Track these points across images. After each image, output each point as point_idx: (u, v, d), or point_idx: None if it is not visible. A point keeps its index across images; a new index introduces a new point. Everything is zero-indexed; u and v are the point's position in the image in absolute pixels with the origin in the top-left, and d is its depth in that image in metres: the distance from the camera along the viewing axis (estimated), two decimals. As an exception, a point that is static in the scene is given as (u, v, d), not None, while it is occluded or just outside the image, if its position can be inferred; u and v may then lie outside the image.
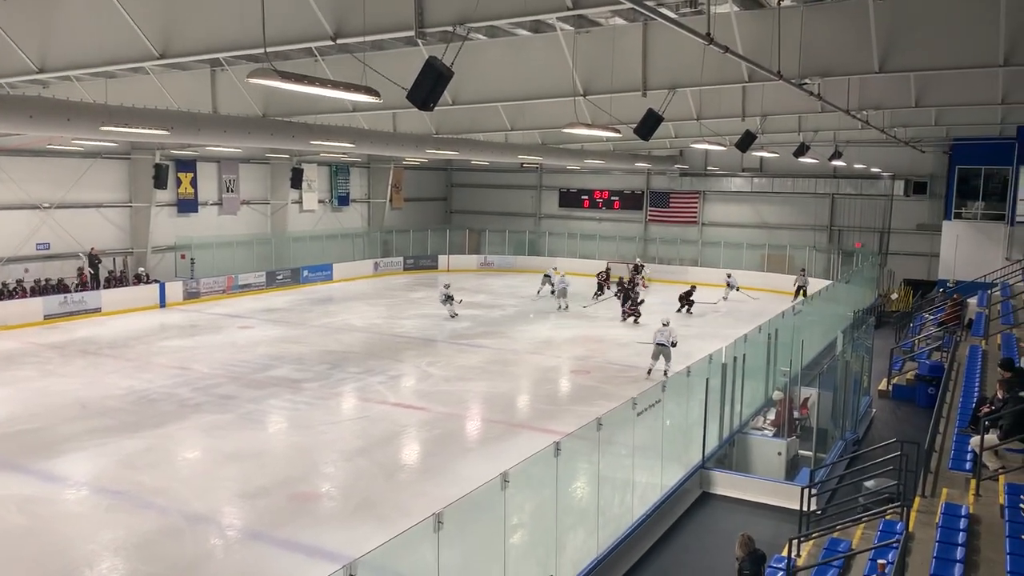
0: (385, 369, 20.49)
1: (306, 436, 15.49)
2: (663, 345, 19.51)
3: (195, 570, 10.26)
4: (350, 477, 13.48)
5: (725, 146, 20.98)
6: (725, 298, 32.29)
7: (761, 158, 35.88)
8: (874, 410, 18.42)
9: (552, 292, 30.98)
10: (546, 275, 32.98)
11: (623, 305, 28.13)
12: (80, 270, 27.82)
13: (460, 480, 12.45)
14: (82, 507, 12.21)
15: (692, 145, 21.83)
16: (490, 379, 19.80)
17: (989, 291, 23.20)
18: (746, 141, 17.74)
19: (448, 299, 27.50)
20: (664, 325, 19.94)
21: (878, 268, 34.53)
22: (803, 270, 33.33)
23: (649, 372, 19.61)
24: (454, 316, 27.24)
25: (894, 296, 33.69)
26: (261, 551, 10.77)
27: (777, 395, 15.28)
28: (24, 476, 13.12)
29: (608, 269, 33.88)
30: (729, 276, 33.47)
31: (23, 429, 15.28)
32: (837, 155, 27.48)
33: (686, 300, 29.45)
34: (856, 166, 33.17)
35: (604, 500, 10.53)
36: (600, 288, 31.89)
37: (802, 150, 22.65)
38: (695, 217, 40.54)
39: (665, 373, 18.19)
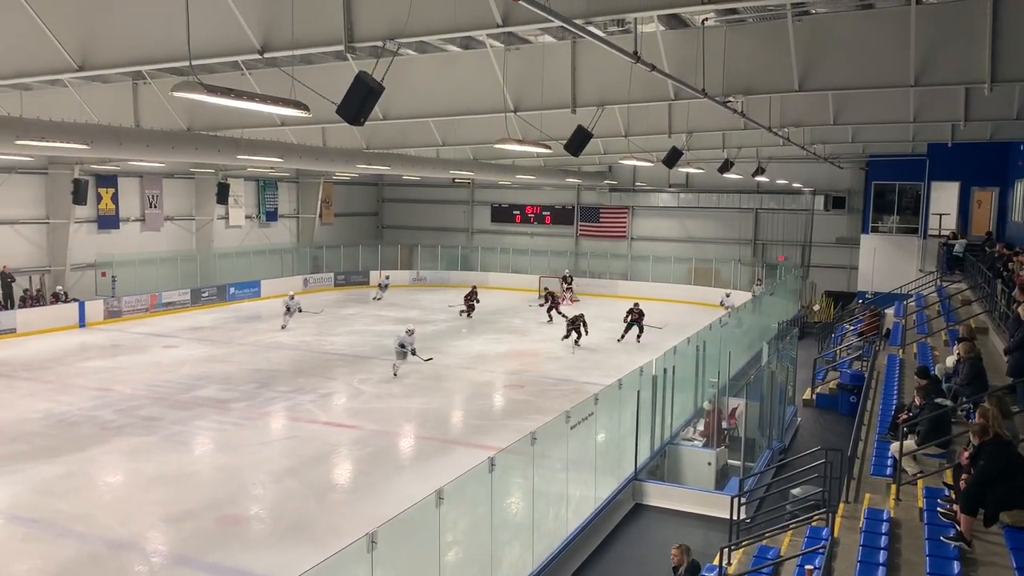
0: (315, 387, 20.16)
1: (234, 457, 15.11)
2: None
3: (117, 599, 9.89)
4: (280, 498, 13.19)
5: (652, 162, 21.37)
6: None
7: (687, 174, 36.68)
8: (799, 419, 18.93)
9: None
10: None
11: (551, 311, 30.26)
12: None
13: (394, 499, 12.31)
14: (-5, 537, 11.65)
15: (621, 161, 22.13)
16: (423, 395, 19.66)
17: (905, 302, 24.10)
18: (673, 157, 18.11)
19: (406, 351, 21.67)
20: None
21: (800, 280, 35.59)
22: (759, 281, 34.15)
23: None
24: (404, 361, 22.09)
25: (816, 307, 34.75)
26: (188, 577, 10.45)
27: (708, 405, 15.57)
28: (-69, 506, 12.46)
29: (474, 289, 32.95)
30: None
31: (-70, 457, 14.53)
32: (760, 171, 28.27)
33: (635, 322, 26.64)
34: (778, 181, 34.19)
35: (539, 514, 10.54)
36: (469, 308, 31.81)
37: (726, 166, 23.22)
38: (624, 232, 41.15)
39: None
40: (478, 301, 32.01)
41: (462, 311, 31.60)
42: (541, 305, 31.41)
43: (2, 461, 14.39)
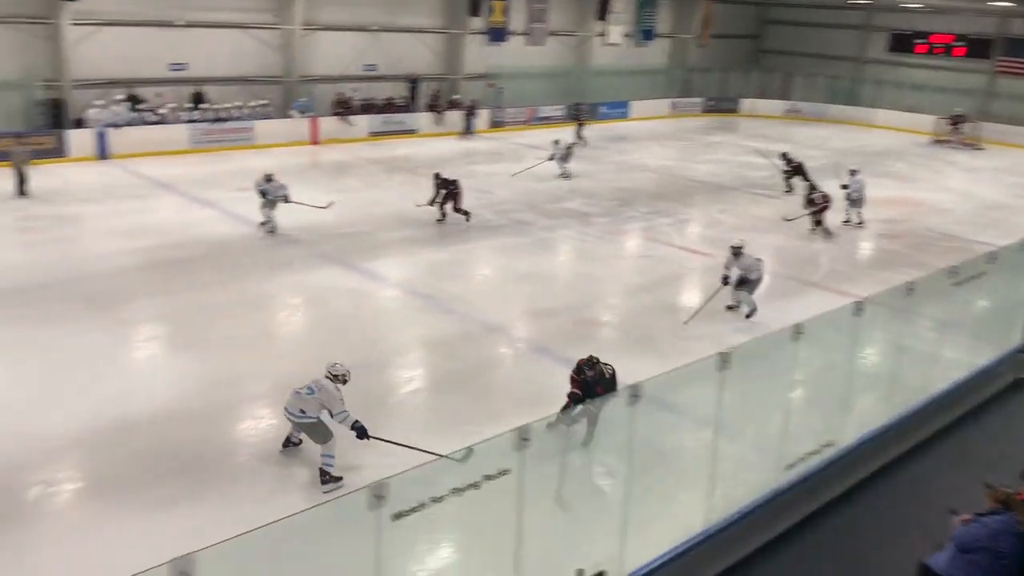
0: (673, 211, 20.28)
1: (593, 267, 15.99)
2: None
3: (488, 371, 11.30)
4: (633, 311, 13.80)
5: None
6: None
7: None
8: None
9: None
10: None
11: None
12: (405, 97, 30.08)
13: (744, 329, 12.30)
14: (396, 304, 13.80)
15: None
16: (783, 233, 18.83)
17: None
18: None
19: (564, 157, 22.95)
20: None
21: None
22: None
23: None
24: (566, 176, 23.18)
25: None
26: (546, 364, 11.48)
27: None
28: (352, 272, 15.01)
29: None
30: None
31: (352, 232, 17.31)
32: None
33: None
34: None
35: (901, 369, 9.85)
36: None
37: None
38: (1057, 70, 34.39)
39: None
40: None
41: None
42: (432, 203, 18.26)
43: (404, 243, 16.76)
